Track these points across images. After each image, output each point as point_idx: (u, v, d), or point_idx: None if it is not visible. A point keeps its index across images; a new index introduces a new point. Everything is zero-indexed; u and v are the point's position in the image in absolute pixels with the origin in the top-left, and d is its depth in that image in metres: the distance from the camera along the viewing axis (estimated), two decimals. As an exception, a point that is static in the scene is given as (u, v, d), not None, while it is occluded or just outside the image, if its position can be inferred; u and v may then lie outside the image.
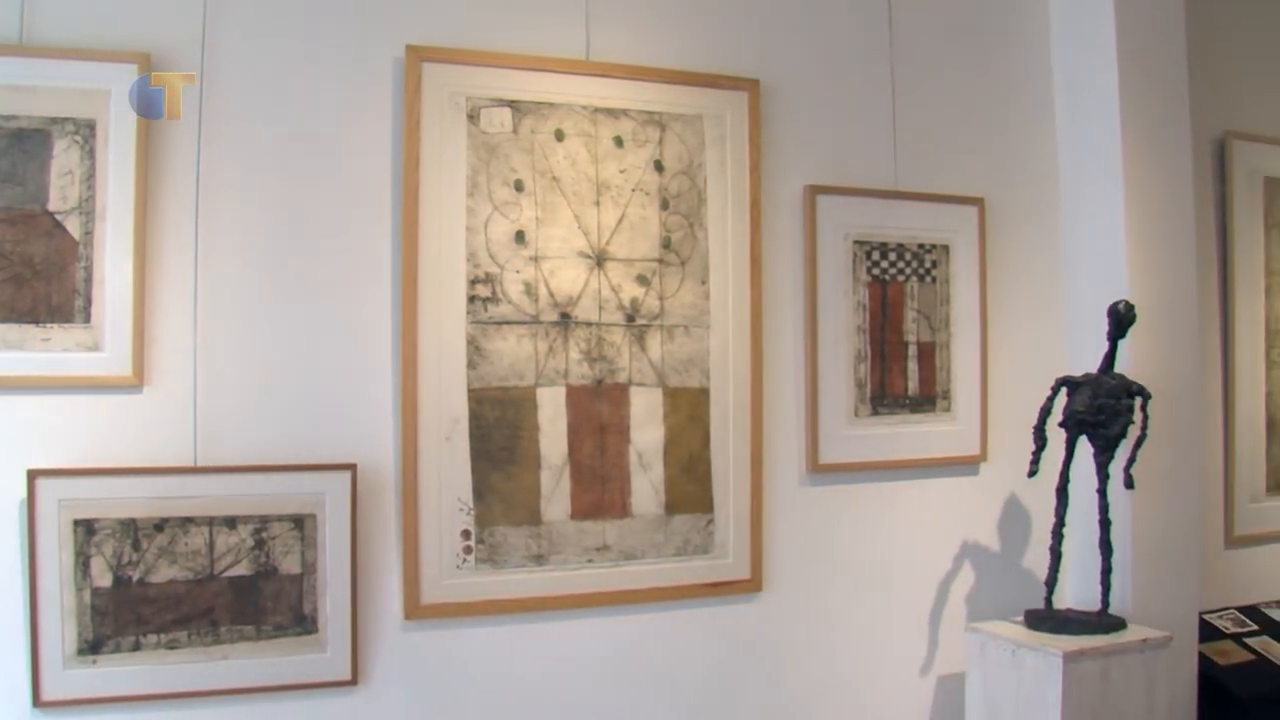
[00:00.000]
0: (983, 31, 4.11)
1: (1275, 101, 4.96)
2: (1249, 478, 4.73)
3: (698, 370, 3.45)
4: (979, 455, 3.96)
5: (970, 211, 3.94)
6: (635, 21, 3.50)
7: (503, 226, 3.23)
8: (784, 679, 3.67)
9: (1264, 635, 4.45)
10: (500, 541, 3.21)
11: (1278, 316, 4.84)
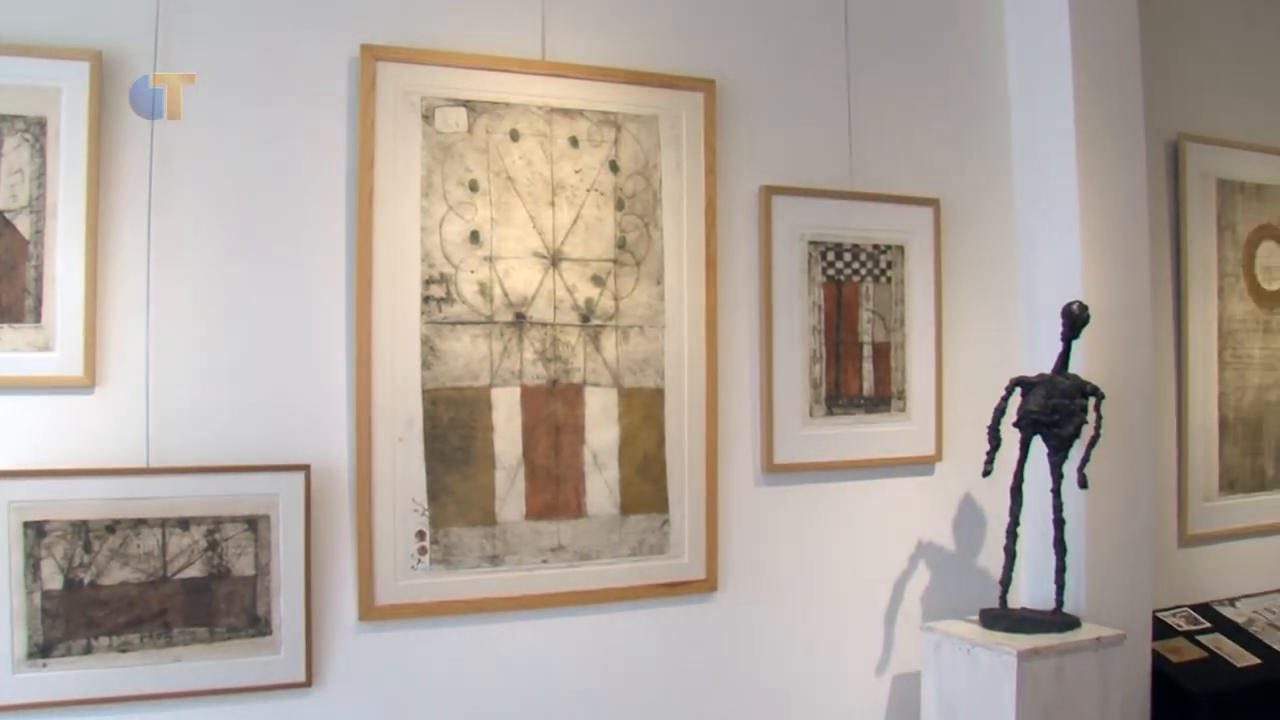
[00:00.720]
0: (939, 33, 4.19)
1: (1228, 104, 5.07)
2: (1202, 477, 4.85)
3: (653, 370, 3.50)
4: (934, 455, 4.04)
5: (925, 212, 4.02)
6: (591, 22, 3.55)
7: (457, 226, 3.27)
8: (740, 679, 3.72)
9: (1216, 633, 4.56)
10: (455, 542, 3.26)
11: (1231, 317, 4.95)
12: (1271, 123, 5.23)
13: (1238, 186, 5.02)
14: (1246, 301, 5.01)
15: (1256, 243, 5.07)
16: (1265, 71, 5.25)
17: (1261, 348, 5.05)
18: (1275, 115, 5.27)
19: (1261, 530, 5.09)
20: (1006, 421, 3.74)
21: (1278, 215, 5.16)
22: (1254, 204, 5.06)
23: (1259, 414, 5.06)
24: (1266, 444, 5.09)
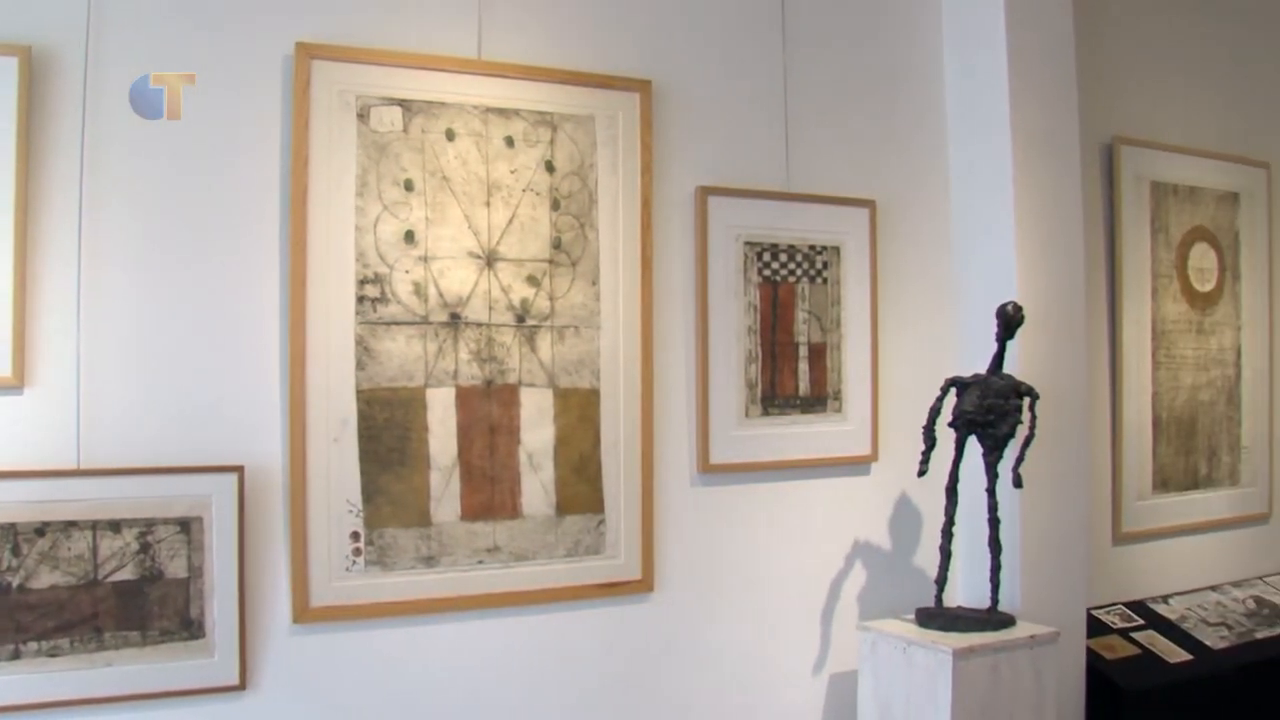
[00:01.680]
0: (875, 35, 4.28)
1: (1162, 108, 5.23)
2: (1136, 476, 4.99)
3: (588, 371, 3.56)
4: (870, 455, 4.13)
5: (862, 213, 4.11)
6: (528, 21, 3.59)
7: (392, 226, 3.31)
8: (676, 679, 3.78)
9: (1150, 630, 4.71)
10: (390, 543, 3.29)
11: (1164, 318, 5.09)
12: (1205, 126, 5.40)
13: (1171, 189, 5.16)
14: (1179, 303, 5.16)
15: (1189, 244, 5.22)
16: (1199, 76, 5.42)
17: (1194, 348, 5.20)
18: (1209, 119, 5.44)
19: (1194, 528, 5.25)
20: (942, 421, 3.84)
21: (1210, 218, 5.32)
22: (1187, 206, 5.21)
23: (1192, 413, 5.21)
24: (1199, 443, 5.24)
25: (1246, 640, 4.81)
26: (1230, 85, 5.58)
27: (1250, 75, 5.69)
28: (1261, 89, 5.75)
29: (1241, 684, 4.56)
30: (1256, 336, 5.54)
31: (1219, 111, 5.51)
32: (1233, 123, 5.56)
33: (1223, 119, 5.52)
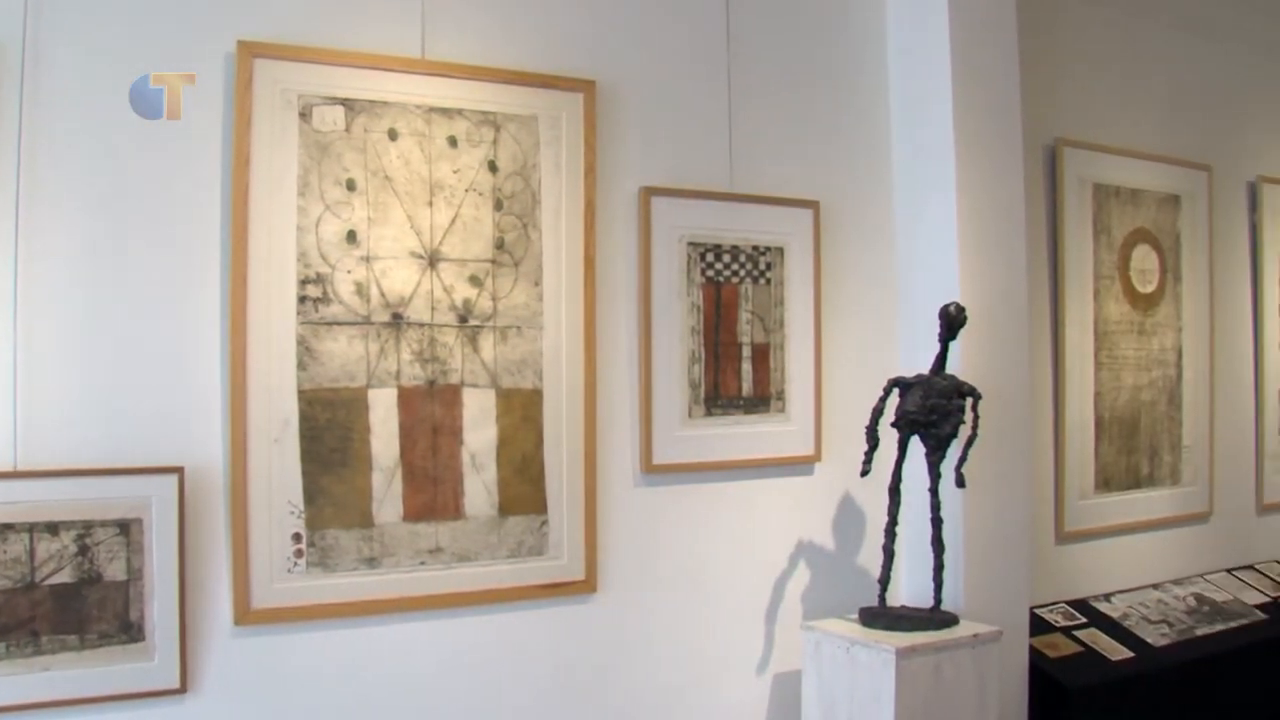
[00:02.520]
0: (819, 37, 4.35)
1: (1105, 111, 5.35)
2: (1078, 475, 5.10)
3: (531, 371, 3.61)
4: (813, 455, 4.20)
5: (805, 214, 4.18)
6: (472, 21, 3.62)
7: (334, 226, 3.33)
8: (620, 679, 3.83)
9: (1092, 628, 4.83)
10: (332, 544, 3.32)
11: (1106, 319, 5.20)
12: (1147, 129, 5.53)
13: (1114, 191, 5.28)
14: (1121, 303, 5.28)
15: (1131, 246, 5.34)
16: (1141, 79, 5.55)
17: (1136, 348, 5.32)
18: (1151, 122, 5.57)
19: (1136, 527, 5.39)
20: (885, 422, 3.90)
21: (1152, 219, 5.44)
22: (1129, 208, 5.33)
23: (1134, 413, 5.33)
24: (1141, 442, 5.36)
25: (1187, 637, 4.94)
26: (1172, 89, 5.72)
27: (1192, 79, 5.84)
28: (1202, 93, 5.90)
29: (1182, 681, 4.68)
30: (1197, 337, 5.68)
31: (1161, 115, 5.65)
32: (1174, 126, 5.70)
33: (1164, 122, 5.65)
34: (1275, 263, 6.25)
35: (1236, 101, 6.12)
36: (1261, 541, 6.15)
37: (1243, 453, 6.10)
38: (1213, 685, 4.80)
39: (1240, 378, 6.10)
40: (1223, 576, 5.73)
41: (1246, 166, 6.15)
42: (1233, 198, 6.07)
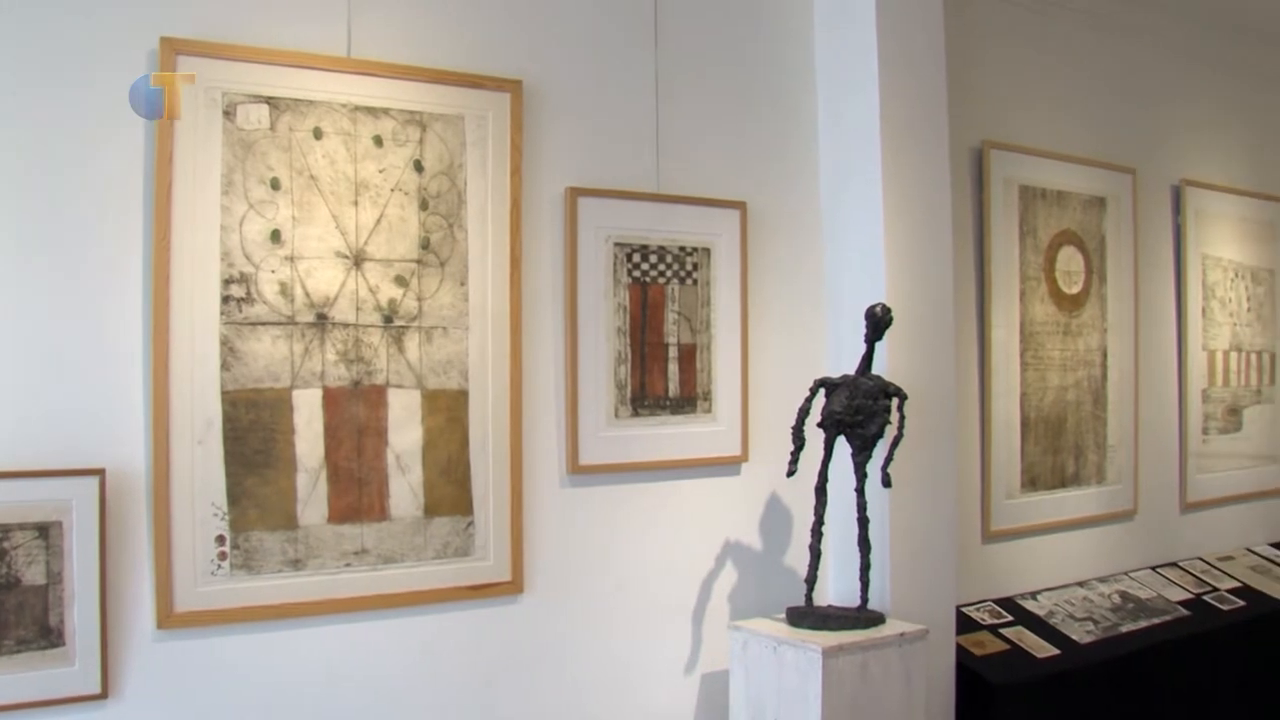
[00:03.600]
0: (747, 38, 4.42)
1: (1031, 114, 5.47)
2: (1005, 475, 5.21)
3: (456, 372, 3.64)
4: (740, 455, 4.26)
5: (732, 215, 4.25)
6: (398, 19, 3.65)
7: (258, 225, 3.35)
8: (548, 681, 3.87)
9: (1018, 625, 4.94)
10: (256, 547, 3.34)
11: (1032, 319, 5.32)
12: (1073, 133, 5.67)
13: (1040, 193, 5.39)
14: (1047, 304, 5.40)
15: (1057, 247, 5.46)
16: (1067, 83, 5.69)
17: (1062, 349, 5.44)
18: (1076, 125, 5.70)
19: (1062, 525, 5.53)
20: (811, 422, 3.97)
21: (1078, 221, 5.56)
22: (1055, 210, 5.45)
23: (1059, 413, 5.45)
24: (1067, 442, 5.48)
25: (1112, 634, 5.06)
26: (1098, 93, 5.87)
27: (1117, 84, 5.99)
28: (1128, 97, 6.05)
29: (1107, 677, 4.81)
30: (1122, 338, 5.82)
31: (1087, 118, 5.79)
32: (1100, 129, 5.84)
33: (1090, 125, 5.79)
34: (1198, 264, 6.42)
35: (1161, 106, 6.29)
36: (1185, 539, 6.33)
37: (1167, 452, 6.27)
38: (1137, 681, 4.93)
39: (1164, 378, 6.26)
40: (1147, 574, 5.89)
41: (1171, 169, 6.32)
42: (1157, 200, 6.23)
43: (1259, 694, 5.58)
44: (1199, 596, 5.74)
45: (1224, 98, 6.75)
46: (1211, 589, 5.87)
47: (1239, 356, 6.70)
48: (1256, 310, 6.86)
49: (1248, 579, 6.13)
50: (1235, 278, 6.68)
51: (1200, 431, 6.44)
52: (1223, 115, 6.74)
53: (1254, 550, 6.68)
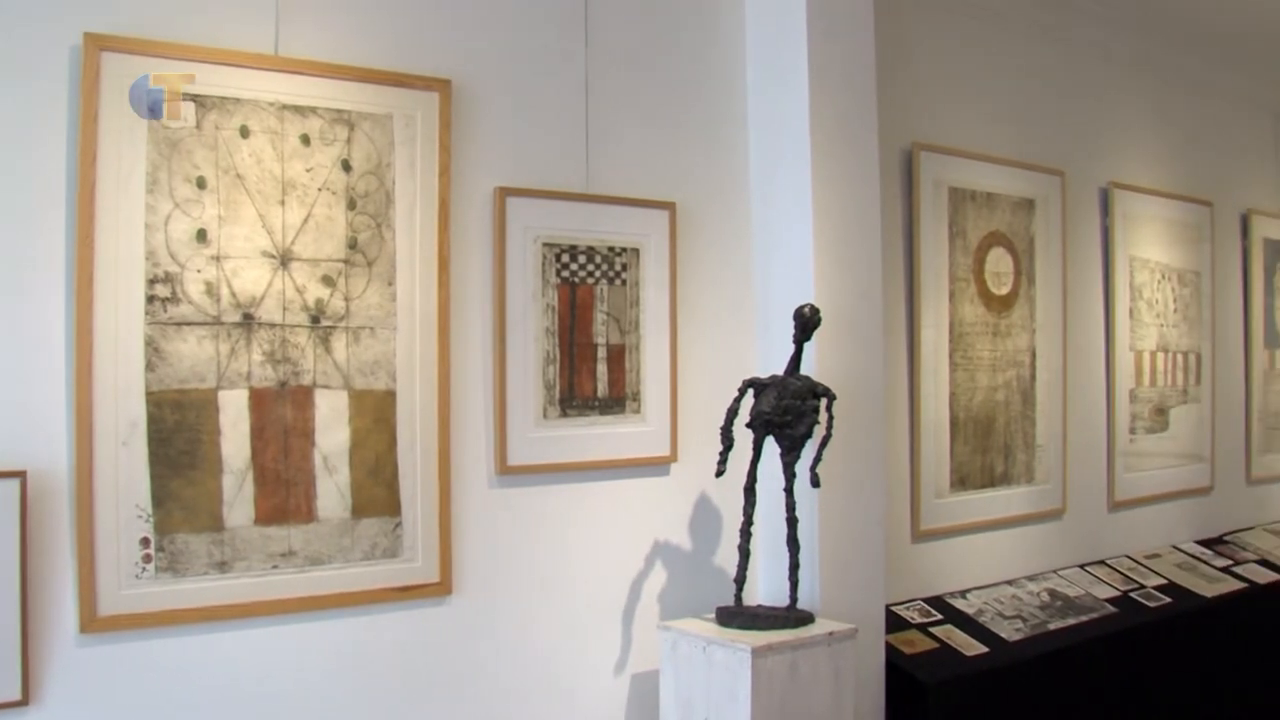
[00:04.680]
0: (678, 39, 4.48)
1: (961, 115, 5.57)
2: (934, 474, 5.30)
3: (384, 372, 3.67)
4: (669, 456, 4.32)
5: (662, 215, 4.31)
6: (326, 17, 3.66)
7: (184, 224, 3.35)
8: (477, 682, 3.90)
9: (948, 624, 5.04)
10: (181, 549, 3.34)
11: (961, 320, 5.41)
12: (1002, 135, 5.78)
13: (969, 195, 5.49)
14: (976, 305, 5.50)
15: (987, 249, 5.56)
16: (996, 86, 5.81)
17: (991, 350, 5.54)
18: (1006, 128, 5.82)
19: (991, 524, 5.63)
20: (740, 422, 4.03)
21: (1007, 223, 5.67)
22: (984, 212, 5.55)
23: (988, 413, 5.55)
24: (995, 442, 5.59)
25: (1040, 631, 5.18)
26: (1027, 96, 5.99)
27: (1046, 87, 6.13)
28: (1057, 100, 6.19)
29: (1036, 674, 4.92)
30: (1050, 338, 5.93)
31: (1016, 121, 5.91)
32: (1029, 132, 5.96)
33: (1020, 128, 5.91)
34: (1126, 266, 6.56)
35: (1090, 109, 6.43)
36: (1112, 537, 6.48)
37: (1095, 451, 6.42)
38: (1065, 677, 5.05)
39: (1092, 378, 6.41)
40: (1075, 572, 6.02)
41: (1099, 172, 6.47)
42: (1085, 202, 6.37)
43: (1184, 689, 5.71)
44: (1126, 594, 5.88)
45: (1151, 101, 6.92)
46: (1138, 586, 6.02)
47: (1166, 357, 6.86)
48: (1183, 311, 7.02)
49: (1174, 576, 6.29)
50: (1162, 279, 6.83)
51: (1128, 431, 6.59)
52: (1150, 119, 6.91)
53: (1180, 548, 6.85)
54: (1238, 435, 7.73)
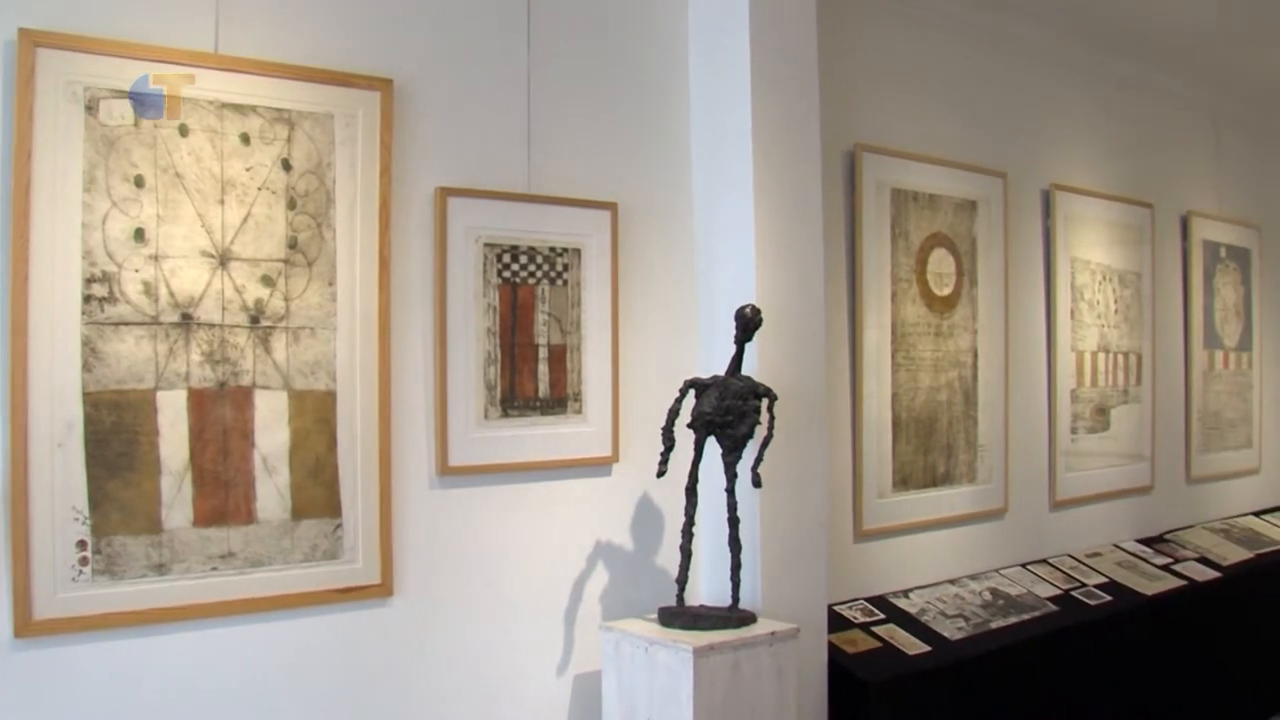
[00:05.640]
0: (621, 40, 4.52)
1: (904, 117, 5.65)
2: (876, 474, 5.37)
3: (324, 373, 3.68)
4: (611, 456, 4.36)
5: (603, 215, 4.34)
6: (267, 15, 3.66)
7: (122, 224, 3.35)
8: (418, 683, 3.92)
9: (890, 623, 5.12)
10: (119, 551, 3.33)
11: (904, 321, 5.49)
12: (945, 137, 5.86)
13: (912, 196, 5.56)
14: (919, 306, 5.57)
15: (929, 250, 5.63)
16: (940, 88, 5.90)
17: (933, 350, 5.62)
18: (949, 130, 5.91)
19: (934, 524, 5.72)
20: (681, 423, 4.07)
21: (949, 224, 5.75)
22: (926, 213, 5.62)
23: (930, 413, 5.62)
24: (938, 442, 5.67)
25: (982, 630, 5.26)
26: (970, 98, 6.09)
27: (989, 90, 6.22)
28: (999, 103, 6.28)
29: (978, 672, 5.00)
30: (992, 339, 6.02)
31: (959, 123, 6.00)
32: (972, 134, 6.06)
33: (962, 130, 6.00)
34: (1068, 267, 6.67)
35: (1031, 112, 6.53)
36: (1054, 536, 6.59)
37: (1036, 451, 6.52)
38: (1007, 676, 5.13)
39: (1034, 378, 6.51)
40: (1017, 570, 6.11)
41: (1041, 174, 6.58)
42: (1027, 204, 6.47)
43: (1125, 686, 5.81)
44: (1067, 592, 5.98)
45: (1093, 104, 7.04)
46: (1080, 585, 6.12)
47: (1107, 357, 6.97)
48: (1124, 312, 7.14)
49: (1115, 574, 6.40)
50: (1103, 280, 6.95)
51: (1069, 431, 6.69)
52: (1092, 121, 7.03)
53: (1121, 546, 6.97)
54: (1178, 435, 7.87)
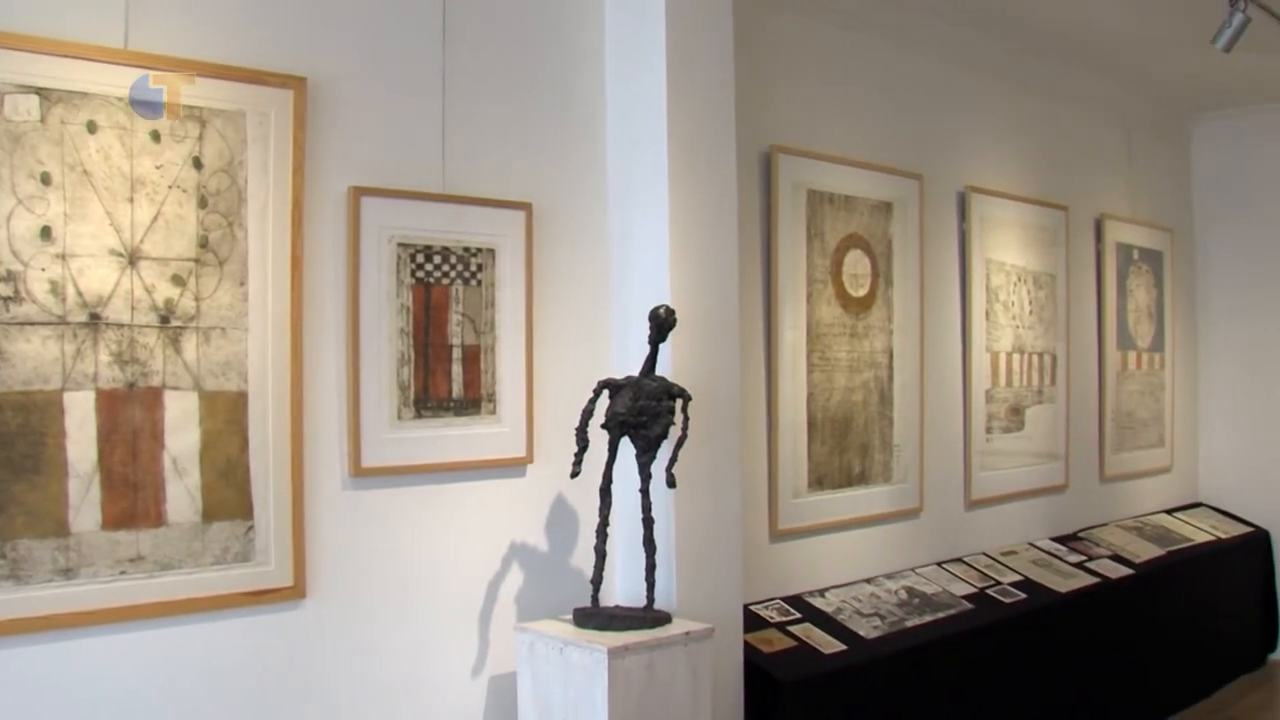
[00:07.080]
0: (537, 40, 4.56)
1: (820, 119, 5.75)
2: (791, 474, 5.46)
3: (236, 373, 3.69)
4: (525, 457, 4.40)
5: (518, 216, 4.38)
6: (179, 11, 3.64)
7: (27, 221, 3.33)
8: (332, 686, 3.93)
9: (806, 622, 5.21)
10: (24, 555, 3.31)
11: (819, 321, 5.58)
12: (861, 139, 5.97)
13: (827, 197, 5.66)
14: (834, 307, 5.67)
15: (845, 251, 5.73)
16: (855, 91, 6.02)
17: (848, 350, 5.72)
18: (864, 132, 6.02)
19: (850, 523, 5.83)
20: (595, 423, 4.13)
21: (865, 226, 5.86)
22: (842, 214, 5.72)
23: (846, 414, 5.72)
24: (853, 442, 5.77)
25: (898, 629, 5.37)
26: (885, 100, 6.20)
27: (904, 92, 6.34)
28: (914, 105, 6.41)
29: (893, 670, 5.11)
30: (908, 340, 6.14)
31: (874, 125, 6.11)
32: (887, 136, 6.17)
33: (878, 132, 6.12)
34: (983, 268, 6.80)
35: (947, 114, 6.66)
36: (969, 535, 6.74)
37: (952, 450, 6.66)
38: (922, 673, 5.25)
39: (949, 379, 6.65)
40: (933, 569, 6.24)
41: (956, 176, 6.71)
42: (943, 205, 6.60)
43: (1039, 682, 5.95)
44: (982, 590, 6.12)
45: (1007, 107, 7.19)
46: (994, 583, 6.26)
47: (1021, 358, 7.12)
48: (1038, 313, 7.30)
49: (1029, 572, 6.55)
50: (1018, 282, 7.09)
51: (984, 431, 6.83)
52: (1007, 124, 7.19)
53: (1035, 544, 7.14)
54: (1091, 434, 8.06)
